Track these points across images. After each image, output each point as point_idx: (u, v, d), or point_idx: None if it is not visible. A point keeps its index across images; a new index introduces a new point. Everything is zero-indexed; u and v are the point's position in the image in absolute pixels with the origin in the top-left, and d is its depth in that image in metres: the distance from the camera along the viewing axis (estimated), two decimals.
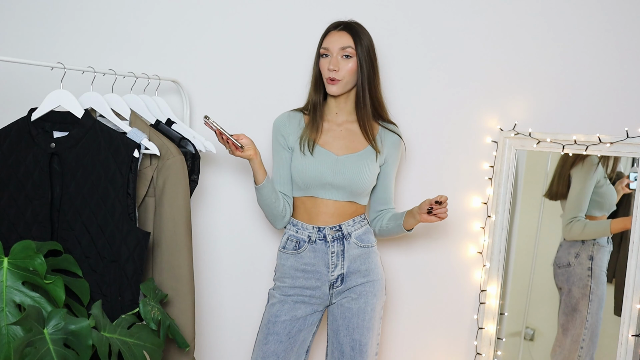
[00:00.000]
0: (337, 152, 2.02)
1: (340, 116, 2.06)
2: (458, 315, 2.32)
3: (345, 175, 1.98)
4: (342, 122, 2.06)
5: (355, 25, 2.01)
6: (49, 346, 1.53)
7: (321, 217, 2.02)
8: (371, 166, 2.02)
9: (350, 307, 2.00)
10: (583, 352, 2.22)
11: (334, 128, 2.06)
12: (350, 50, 1.96)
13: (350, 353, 1.99)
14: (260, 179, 1.98)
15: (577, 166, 2.18)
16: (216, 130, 1.85)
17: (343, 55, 1.97)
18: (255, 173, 1.98)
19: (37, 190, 1.83)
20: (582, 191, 2.19)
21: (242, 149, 1.90)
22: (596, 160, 2.17)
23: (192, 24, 2.39)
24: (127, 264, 1.83)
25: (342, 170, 1.98)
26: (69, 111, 1.83)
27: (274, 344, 1.99)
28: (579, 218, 2.20)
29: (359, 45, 1.96)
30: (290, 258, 2.04)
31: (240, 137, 1.92)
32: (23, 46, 2.49)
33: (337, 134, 2.05)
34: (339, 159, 2.00)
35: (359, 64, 1.97)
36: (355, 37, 1.97)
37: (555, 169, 2.23)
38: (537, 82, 2.20)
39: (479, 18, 2.24)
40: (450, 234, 2.31)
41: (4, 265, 1.64)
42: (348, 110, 2.06)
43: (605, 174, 2.18)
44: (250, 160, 1.95)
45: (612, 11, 2.13)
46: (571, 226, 2.21)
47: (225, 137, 1.87)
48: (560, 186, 2.22)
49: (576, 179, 2.19)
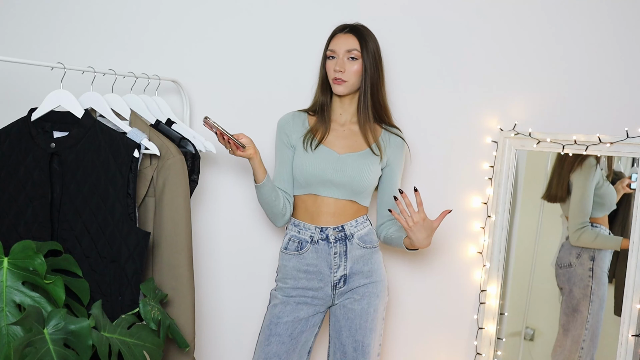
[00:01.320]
0: (339, 151, 2.03)
1: (344, 116, 2.08)
2: (458, 315, 2.32)
3: (346, 173, 1.99)
4: (345, 123, 2.08)
5: (362, 28, 2.02)
6: (49, 346, 1.53)
7: (322, 216, 2.02)
8: (372, 166, 2.02)
9: (353, 308, 2.00)
10: (584, 352, 2.22)
11: (337, 128, 2.07)
12: (356, 52, 1.98)
13: (352, 354, 1.99)
14: (260, 177, 1.99)
15: (576, 171, 2.18)
16: (217, 130, 1.85)
17: (349, 57, 1.98)
18: (255, 172, 1.99)
19: (37, 190, 1.83)
20: (584, 195, 2.19)
21: (243, 148, 1.91)
22: (594, 162, 2.17)
23: (192, 24, 2.39)
24: (127, 264, 1.83)
25: (343, 168, 1.99)
26: (69, 111, 1.83)
27: (276, 345, 1.99)
28: (587, 224, 2.20)
29: (364, 48, 1.98)
30: (292, 259, 2.04)
31: (240, 137, 1.92)
32: (23, 46, 2.49)
33: (340, 134, 2.06)
34: (340, 157, 2.01)
35: (364, 67, 1.99)
36: (362, 40, 1.99)
37: (553, 171, 2.22)
38: (537, 82, 2.20)
39: (480, 19, 2.24)
40: (450, 234, 2.31)
41: (4, 265, 1.64)
42: (352, 112, 2.07)
43: (603, 174, 2.18)
44: (250, 159, 1.96)
45: (612, 11, 2.13)
46: (581, 233, 2.20)
47: (226, 137, 1.88)
48: (559, 189, 2.22)
49: (577, 184, 2.19)
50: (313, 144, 2.03)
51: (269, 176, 2.01)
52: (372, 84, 2.01)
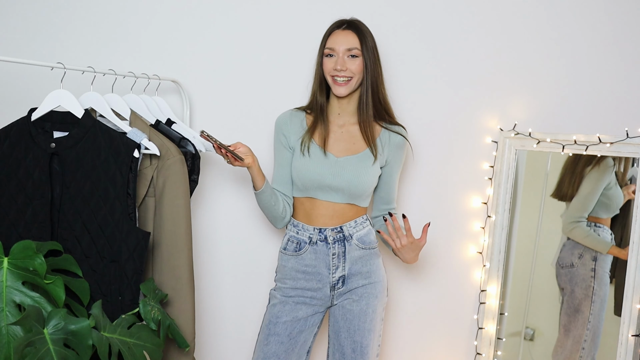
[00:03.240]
0: (338, 154, 2.01)
1: (342, 117, 2.05)
2: (458, 315, 2.32)
3: (344, 178, 1.97)
4: (343, 124, 2.05)
5: (359, 23, 1.99)
6: (49, 346, 1.53)
7: (320, 218, 2.01)
8: (371, 168, 2.00)
9: (352, 309, 2.00)
10: (585, 352, 2.22)
11: (335, 129, 2.04)
12: (356, 50, 1.95)
13: (351, 355, 1.99)
14: (259, 184, 1.98)
15: (593, 169, 2.17)
16: (214, 143, 1.84)
17: (349, 56, 1.96)
18: (254, 179, 1.97)
19: (37, 190, 1.83)
20: (591, 193, 2.19)
21: (241, 160, 1.90)
22: (612, 163, 2.16)
23: (192, 24, 2.39)
24: (127, 264, 1.83)
25: (340, 172, 1.97)
26: (69, 111, 1.83)
27: (275, 344, 1.99)
28: (584, 220, 2.20)
29: (364, 45, 1.95)
30: (291, 259, 2.03)
31: (237, 146, 1.91)
32: (23, 46, 2.49)
33: (338, 136, 2.04)
34: (338, 161, 1.99)
35: (365, 64, 1.96)
36: (361, 36, 1.96)
37: (566, 169, 2.20)
38: (537, 82, 2.20)
39: (479, 18, 2.23)
40: (450, 234, 2.31)
41: (4, 265, 1.64)
42: (350, 112, 2.05)
43: (618, 176, 2.18)
44: (248, 168, 1.95)
45: (613, 11, 2.12)
46: (575, 226, 2.21)
47: (224, 150, 1.87)
48: (571, 188, 2.21)
49: (588, 180, 2.18)
50: (311, 148, 2.01)
51: (267, 182, 2.00)
52: (372, 82, 1.98)
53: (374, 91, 2.00)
